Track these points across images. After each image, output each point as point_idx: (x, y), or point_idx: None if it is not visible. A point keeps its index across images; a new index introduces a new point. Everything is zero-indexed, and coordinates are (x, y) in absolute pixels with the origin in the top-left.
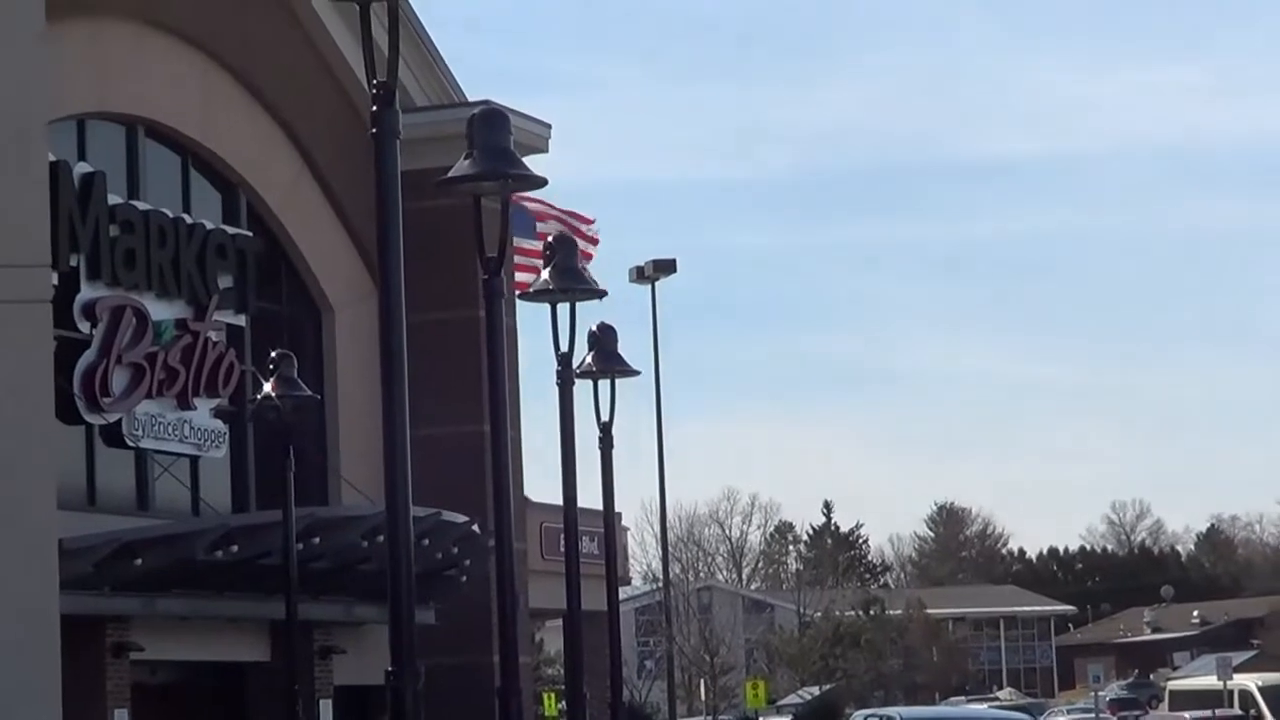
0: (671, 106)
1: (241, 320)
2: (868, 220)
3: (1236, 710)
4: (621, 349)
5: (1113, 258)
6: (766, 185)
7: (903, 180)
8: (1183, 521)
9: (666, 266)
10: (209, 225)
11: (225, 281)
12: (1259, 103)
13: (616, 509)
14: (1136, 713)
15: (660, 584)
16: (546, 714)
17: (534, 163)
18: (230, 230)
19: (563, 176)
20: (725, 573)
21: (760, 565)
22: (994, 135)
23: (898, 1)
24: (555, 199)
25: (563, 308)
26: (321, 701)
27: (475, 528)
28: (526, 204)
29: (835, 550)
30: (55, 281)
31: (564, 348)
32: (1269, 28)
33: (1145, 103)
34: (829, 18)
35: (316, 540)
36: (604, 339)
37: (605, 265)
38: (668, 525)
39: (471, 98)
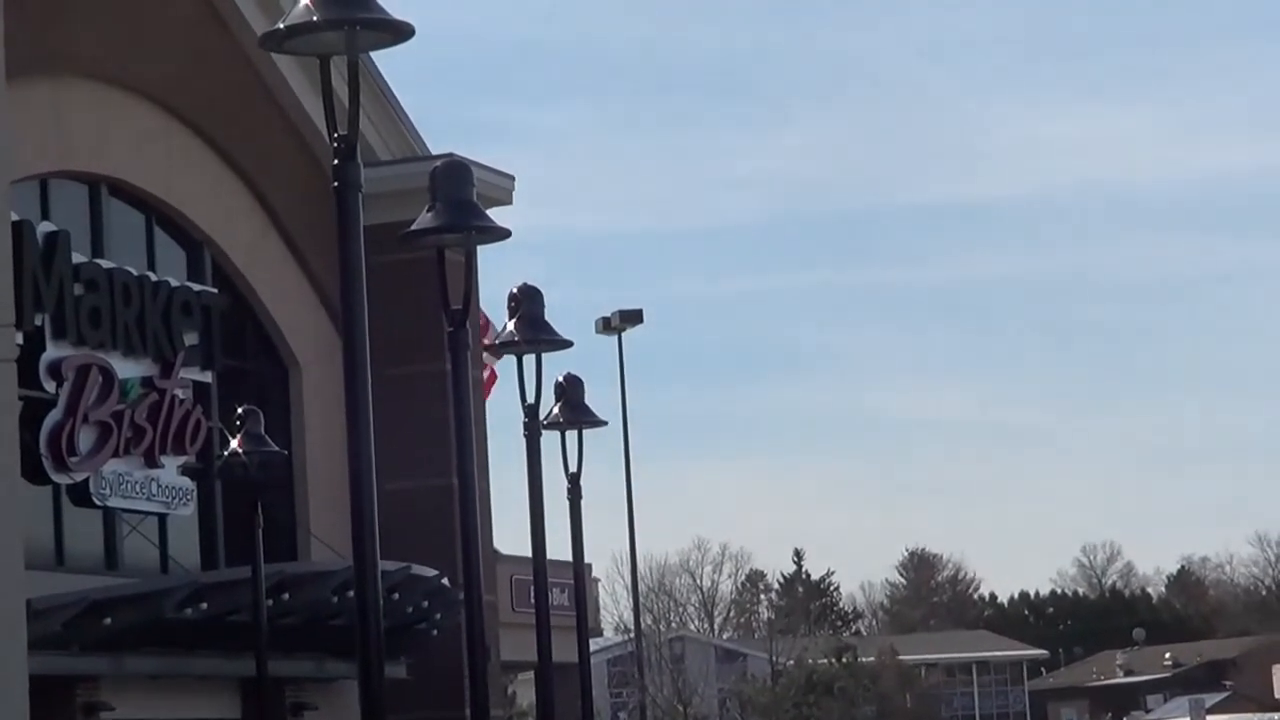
0: (631, 157)
1: (208, 377)
2: (828, 267)
3: None
4: (589, 400)
5: (1075, 300)
6: (729, 234)
7: (863, 226)
8: (1153, 563)
9: (633, 317)
10: (174, 283)
11: (191, 339)
12: (1213, 144)
13: (586, 560)
14: None
15: (632, 635)
16: None
17: (498, 215)
18: (195, 287)
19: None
20: (697, 622)
21: (732, 614)
22: (956, 179)
23: (853, 49)
24: (520, 251)
25: (529, 359)
26: None
27: (445, 581)
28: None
29: (807, 598)
30: (20, 341)
31: (530, 399)
32: (1221, 69)
33: (1101, 145)
34: (786, 66)
35: (286, 596)
36: (571, 390)
37: (572, 316)
38: (638, 575)
39: (436, 151)
